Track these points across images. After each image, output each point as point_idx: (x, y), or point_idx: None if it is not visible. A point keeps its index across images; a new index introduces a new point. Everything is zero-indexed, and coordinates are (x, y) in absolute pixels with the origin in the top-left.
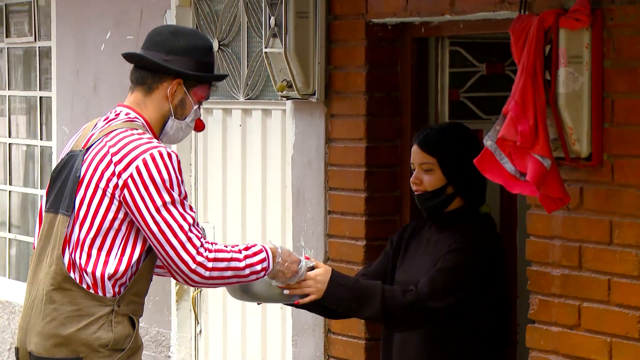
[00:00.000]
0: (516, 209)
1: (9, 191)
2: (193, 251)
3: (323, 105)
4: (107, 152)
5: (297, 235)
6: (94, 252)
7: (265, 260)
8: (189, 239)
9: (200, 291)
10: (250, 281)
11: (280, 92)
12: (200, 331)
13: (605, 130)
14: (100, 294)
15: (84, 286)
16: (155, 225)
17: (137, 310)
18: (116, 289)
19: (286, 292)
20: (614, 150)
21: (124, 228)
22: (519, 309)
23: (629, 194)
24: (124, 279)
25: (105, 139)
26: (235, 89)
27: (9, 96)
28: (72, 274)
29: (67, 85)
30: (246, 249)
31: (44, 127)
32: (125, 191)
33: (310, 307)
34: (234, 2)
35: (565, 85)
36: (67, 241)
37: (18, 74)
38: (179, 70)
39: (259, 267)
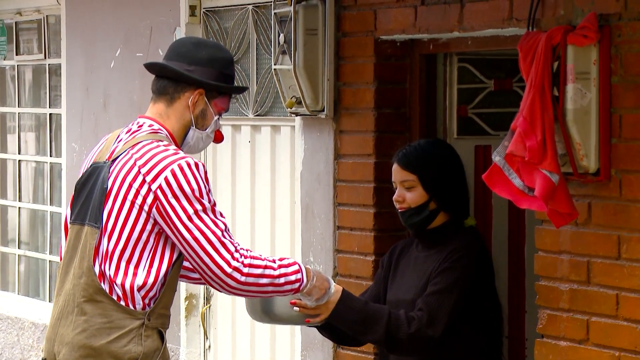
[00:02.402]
0: (524, 224)
1: (19, 207)
2: (228, 256)
3: (332, 121)
4: (134, 164)
5: (306, 250)
6: (123, 264)
7: (299, 272)
8: (223, 244)
9: (210, 306)
10: (285, 292)
11: (289, 109)
12: (209, 347)
13: (613, 146)
14: (130, 306)
15: (115, 298)
16: (188, 233)
17: (165, 323)
18: (146, 301)
19: (296, 309)
20: (622, 165)
21: (152, 240)
22: (527, 323)
23: (637, 209)
24: (153, 292)
25: (131, 151)
26: (244, 105)
27: (18, 113)
28: (102, 285)
29: (77, 102)
30: (280, 259)
31: (53, 143)
32: (157, 202)
33: (321, 329)
34: (244, 19)
35: (573, 101)
36: (96, 253)
37: (28, 91)
38: (202, 80)
39: (293, 278)
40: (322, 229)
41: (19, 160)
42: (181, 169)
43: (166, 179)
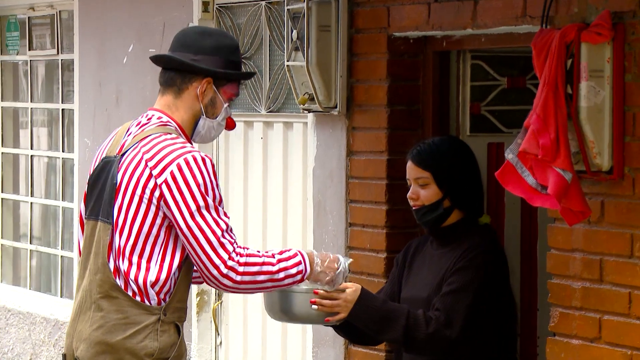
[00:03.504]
0: (537, 222)
1: (31, 203)
2: (225, 256)
3: (344, 118)
4: (142, 158)
5: (318, 247)
6: (135, 259)
7: (301, 263)
8: (222, 245)
9: (221, 302)
10: (287, 285)
11: (301, 105)
12: (221, 342)
13: (626, 144)
14: (146, 302)
15: (130, 294)
16: (189, 230)
17: (182, 317)
18: (161, 296)
19: (314, 307)
20: (635, 163)
21: (162, 234)
22: (539, 321)
23: None
24: (167, 286)
25: (140, 145)
26: (256, 101)
27: (31, 108)
28: (117, 281)
29: (89, 98)
30: (280, 253)
31: (65, 139)
32: (163, 196)
33: (336, 328)
34: (256, 15)
35: (587, 99)
36: (110, 249)
37: (40, 87)
38: (209, 69)
39: (294, 271)
40: (334, 226)
41: (32, 156)
42: (187, 163)
43: (172, 173)
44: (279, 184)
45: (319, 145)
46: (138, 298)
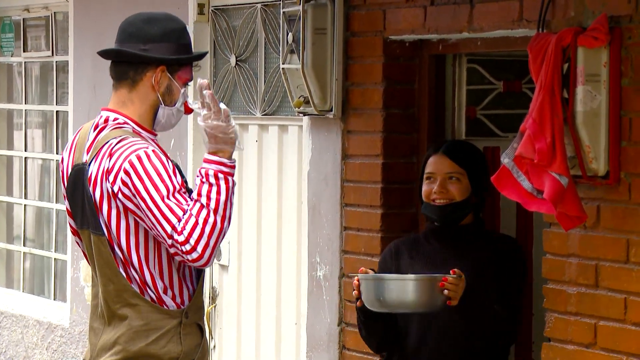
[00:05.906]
0: (532, 227)
1: (24, 205)
2: (181, 248)
3: (340, 121)
4: (99, 170)
5: (313, 251)
6: (144, 267)
7: (209, 175)
8: (172, 237)
9: (215, 306)
10: (232, 189)
11: (297, 108)
12: (214, 346)
13: (622, 149)
14: (165, 306)
15: (148, 299)
16: (152, 224)
17: (202, 315)
18: (177, 300)
19: (446, 292)
20: (631, 168)
21: (151, 240)
22: (534, 326)
23: None
24: (180, 289)
25: (99, 157)
26: (252, 104)
27: (25, 110)
28: (134, 287)
29: (84, 100)
30: (198, 195)
31: (59, 141)
32: (124, 202)
33: (369, 336)
34: (252, 18)
35: (583, 104)
36: (116, 259)
37: (35, 88)
38: (161, 57)
39: (230, 185)
40: (329, 230)
41: (25, 158)
42: (132, 165)
43: (122, 180)
44: (274, 187)
45: (314, 149)
46: (157, 304)
